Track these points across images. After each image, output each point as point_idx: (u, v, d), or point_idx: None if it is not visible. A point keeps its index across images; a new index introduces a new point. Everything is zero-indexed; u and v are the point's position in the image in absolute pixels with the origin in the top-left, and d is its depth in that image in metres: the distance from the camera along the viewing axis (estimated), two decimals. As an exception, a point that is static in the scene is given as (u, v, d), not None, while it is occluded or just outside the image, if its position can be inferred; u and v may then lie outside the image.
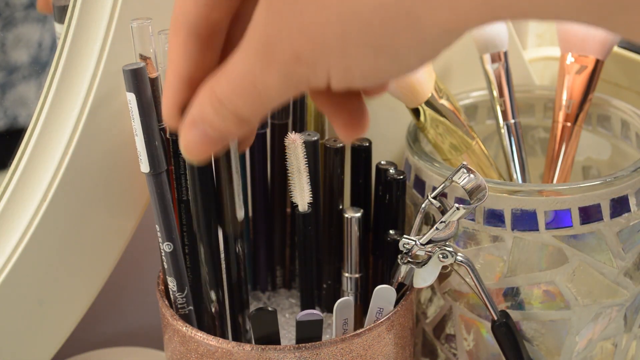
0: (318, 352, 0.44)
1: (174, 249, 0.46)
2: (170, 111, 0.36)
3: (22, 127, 0.53)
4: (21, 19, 0.53)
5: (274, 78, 0.31)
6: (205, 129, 0.34)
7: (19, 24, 0.53)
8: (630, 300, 0.51)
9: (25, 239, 0.48)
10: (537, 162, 0.60)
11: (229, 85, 0.32)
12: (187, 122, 0.34)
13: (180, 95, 0.35)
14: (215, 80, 0.33)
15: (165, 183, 0.45)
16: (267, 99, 0.32)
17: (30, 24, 0.53)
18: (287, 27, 0.30)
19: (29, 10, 0.53)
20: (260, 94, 0.31)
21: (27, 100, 0.54)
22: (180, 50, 0.35)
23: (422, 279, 0.46)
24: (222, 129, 0.34)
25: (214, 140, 0.34)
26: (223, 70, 0.33)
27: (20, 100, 0.54)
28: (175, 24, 0.34)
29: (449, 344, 0.53)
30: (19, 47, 0.53)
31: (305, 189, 0.46)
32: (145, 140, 0.43)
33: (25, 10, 0.53)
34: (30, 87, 0.54)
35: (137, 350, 0.63)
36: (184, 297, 0.47)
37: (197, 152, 0.35)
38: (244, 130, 0.34)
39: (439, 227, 0.44)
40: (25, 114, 0.54)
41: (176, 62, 0.35)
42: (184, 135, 0.35)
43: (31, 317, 0.49)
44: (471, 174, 0.43)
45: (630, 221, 0.49)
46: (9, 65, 0.54)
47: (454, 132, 0.52)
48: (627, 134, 0.56)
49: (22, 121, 0.54)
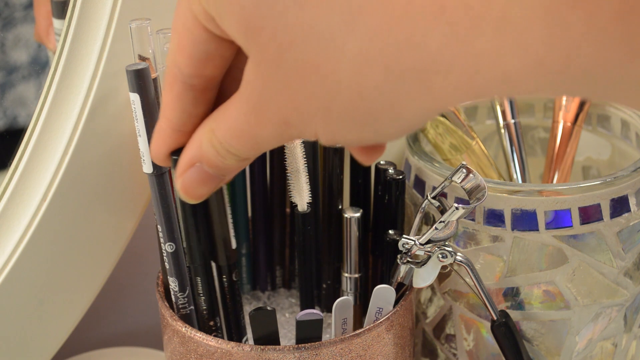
0: (317, 352, 0.44)
1: (176, 249, 0.46)
2: (160, 155, 0.37)
3: (21, 127, 0.53)
4: (21, 19, 0.53)
5: (268, 132, 0.32)
6: (204, 169, 0.35)
7: (18, 24, 0.53)
8: (630, 300, 0.50)
9: (25, 239, 0.48)
10: (537, 162, 0.60)
11: (228, 130, 0.34)
12: (184, 163, 0.36)
13: (172, 141, 0.37)
14: (214, 122, 0.34)
15: (167, 184, 0.45)
16: (264, 145, 0.33)
17: (30, 24, 0.53)
18: (275, 93, 0.31)
19: (29, 10, 0.53)
20: (257, 141, 0.33)
21: (26, 100, 0.54)
22: (174, 102, 0.36)
23: (421, 278, 0.46)
24: (223, 167, 0.35)
25: (212, 179, 0.36)
26: (222, 115, 0.34)
27: (19, 100, 0.54)
28: (170, 77, 0.35)
29: (449, 344, 0.53)
30: (19, 47, 0.53)
31: (304, 189, 0.46)
32: (149, 140, 0.43)
33: (24, 10, 0.53)
34: (30, 87, 0.54)
35: (137, 350, 0.63)
36: (186, 297, 0.47)
37: (195, 192, 0.36)
38: (244, 166, 0.35)
39: (438, 227, 0.44)
40: (24, 113, 0.54)
41: (170, 112, 0.36)
42: (182, 176, 0.36)
43: (31, 317, 0.49)
44: (471, 173, 0.43)
45: (630, 221, 0.49)
46: (9, 65, 0.54)
47: (454, 132, 0.52)
48: (627, 134, 0.56)
49: (21, 121, 0.54)
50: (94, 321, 0.66)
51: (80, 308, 0.51)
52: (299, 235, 0.48)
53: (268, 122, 0.32)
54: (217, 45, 0.34)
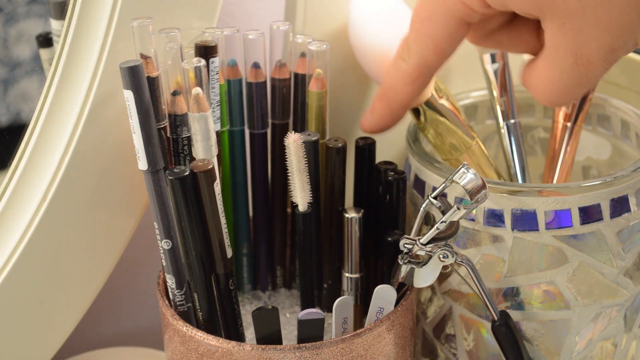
0: (318, 352, 0.44)
1: (173, 246, 0.46)
2: (384, 127, 0.47)
3: (25, 122, 0.53)
4: (23, 14, 0.53)
5: (598, 70, 0.38)
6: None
7: (21, 20, 0.53)
8: (630, 300, 0.51)
9: (25, 239, 0.48)
10: (537, 162, 0.60)
11: (552, 92, 0.41)
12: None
13: (400, 116, 0.46)
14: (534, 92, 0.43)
15: (163, 181, 0.45)
16: (595, 81, 0.40)
17: (32, 19, 0.53)
18: (591, 35, 0.37)
19: (31, 6, 0.53)
20: (587, 84, 0.40)
21: (29, 96, 0.54)
22: (415, 91, 0.44)
23: (422, 279, 0.46)
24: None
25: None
26: (539, 83, 0.41)
27: (22, 95, 0.54)
28: (413, 75, 0.44)
29: (449, 344, 0.53)
30: (21, 42, 0.53)
31: (305, 189, 0.46)
32: (143, 137, 0.44)
33: (27, 6, 0.53)
34: (33, 82, 0.54)
35: (137, 350, 0.63)
36: (183, 294, 0.47)
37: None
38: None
39: (439, 227, 0.44)
40: (28, 109, 0.54)
41: (407, 98, 0.45)
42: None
43: (31, 317, 0.49)
44: (471, 174, 0.43)
45: (630, 221, 0.49)
46: (12, 61, 0.54)
47: (454, 132, 0.52)
48: (627, 134, 0.56)
49: (25, 117, 0.54)
50: (94, 321, 0.66)
51: (80, 308, 0.51)
52: (299, 235, 0.48)
53: (596, 61, 0.37)
54: (466, 30, 0.41)
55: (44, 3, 0.53)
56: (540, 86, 0.41)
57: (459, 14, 0.41)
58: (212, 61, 0.47)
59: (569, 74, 0.39)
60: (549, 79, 0.40)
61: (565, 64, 0.39)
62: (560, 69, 0.39)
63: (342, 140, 0.48)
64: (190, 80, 0.45)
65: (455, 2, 0.40)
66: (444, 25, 0.41)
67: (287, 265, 0.56)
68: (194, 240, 0.45)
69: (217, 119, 0.48)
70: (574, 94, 0.41)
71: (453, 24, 0.41)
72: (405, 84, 0.45)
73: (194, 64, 0.45)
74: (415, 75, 0.44)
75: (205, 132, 0.45)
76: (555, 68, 0.40)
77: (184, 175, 0.43)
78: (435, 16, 0.41)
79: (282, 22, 0.50)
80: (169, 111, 0.46)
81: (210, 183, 0.44)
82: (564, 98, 0.41)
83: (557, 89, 0.40)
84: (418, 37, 0.43)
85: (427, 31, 0.42)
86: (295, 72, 0.51)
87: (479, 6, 0.40)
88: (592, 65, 0.38)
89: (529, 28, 0.43)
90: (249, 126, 0.52)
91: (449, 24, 0.41)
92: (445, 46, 0.42)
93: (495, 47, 0.45)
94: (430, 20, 0.42)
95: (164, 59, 0.45)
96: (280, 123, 0.52)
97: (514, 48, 0.44)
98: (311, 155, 0.47)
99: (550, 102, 0.42)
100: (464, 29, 0.42)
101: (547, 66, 0.40)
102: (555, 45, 0.39)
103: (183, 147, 0.46)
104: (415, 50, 0.43)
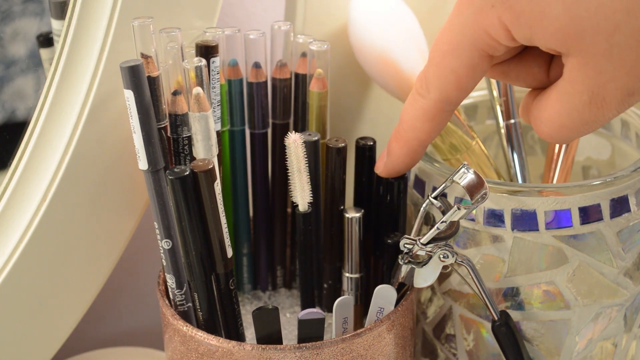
0: (318, 352, 0.44)
1: (173, 246, 0.46)
2: (405, 169, 0.47)
3: (20, 121, 0.53)
4: (19, 12, 0.53)
5: (612, 111, 0.38)
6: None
7: (16, 18, 0.53)
8: (630, 300, 0.51)
9: (25, 239, 0.48)
10: (537, 162, 0.60)
11: (558, 128, 0.40)
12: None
13: (419, 156, 0.46)
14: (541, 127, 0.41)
15: (163, 180, 0.45)
16: (603, 123, 0.39)
17: (28, 17, 0.53)
18: (611, 77, 0.36)
19: (27, 4, 0.53)
20: (595, 124, 0.39)
21: (25, 94, 0.54)
22: (434, 129, 0.43)
23: (422, 279, 0.46)
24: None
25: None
26: (546, 116, 0.40)
27: (18, 94, 0.54)
28: (432, 111, 0.42)
29: (449, 344, 0.53)
30: (17, 40, 0.53)
31: (305, 189, 0.46)
32: (144, 137, 0.44)
33: (23, 4, 0.53)
34: (28, 80, 0.54)
35: (137, 350, 0.63)
36: (183, 294, 0.47)
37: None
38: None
39: (439, 227, 0.44)
40: (23, 107, 0.54)
41: (426, 136, 0.44)
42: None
43: (31, 317, 0.49)
44: (472, 174, 0.43)
45: (630, 221, 0.49)
46: (7, 59, 0.54)
47: (454, 132, 0.52)
48: (627, 134, 0.56)
49: (20, 115, 0.54)
50: (94, 321, 0.66)
51: (80, 308, 0.51)
52: (300, 235, 0.48)
53: (612, 102, 0.37)
54: (488, 65, 0.40)
55: (39, 1, 0.53)
56: (546, 118, 0.40)
57: (483, 46, 0.39)
58: (213, 61, 0.47)
59: (581, 111, 0.38)
60: (558, 113, 0.39)
61: (579, 100, 0.38)
62: (572, 104, 0.38)
63: (342, 140, 0.48)
64: (191, 80, 0.45)
65: (481, 34, 0.39)
66: (468, 57, 0.40)
67: (288, 265, 0.56)
68: (194, 240, 0.45)
69: (217, 119, 0.48)
70: (578, 133, 0.40)
71: (477, 57, 0.40)
72: (424, 121, 0.43)
73: (195, 64, 0.45)
74: (434, 111, 0.42)
75: (205, 132, 0.45)
76: (567, 102, 0.38)
77: (184, 175, 0.43)
78: (459, 48, 0.40)
79: (283, 22, 0.51)
80: (170, 111, 0.46)
81: (211, 183, 0.44)
82: (568, 135, 0.40)
83: (563, 124, 0.39)
84: (439, 71, 0.41)
85: (449, 64, 0.40)
86: (296, 72, 0.51)
87: (505, 39, 0.38)
88: (607, 106, 0.37)
89: (540, 62, 0.42)
90: (250, 126, 0.52)
91: (472, 56, 0.40)
92: (467, 80, 0.41)
93: (500, 78, 0.43)
94: (453, 52, 0.40)
95: (165, 59, 0.46)
96: (281, 123, 0.52)
97: (520, 81, 0.43)
98: (311, 155, 0.47)
99: (552, 136, 0.40)
100: (487, 62, 0.40)
101: (559, 99, 0.39)
102: (572, 80, 0.38)
103: (183, 147, 0.46)
104: (436, 84, 0.41)
